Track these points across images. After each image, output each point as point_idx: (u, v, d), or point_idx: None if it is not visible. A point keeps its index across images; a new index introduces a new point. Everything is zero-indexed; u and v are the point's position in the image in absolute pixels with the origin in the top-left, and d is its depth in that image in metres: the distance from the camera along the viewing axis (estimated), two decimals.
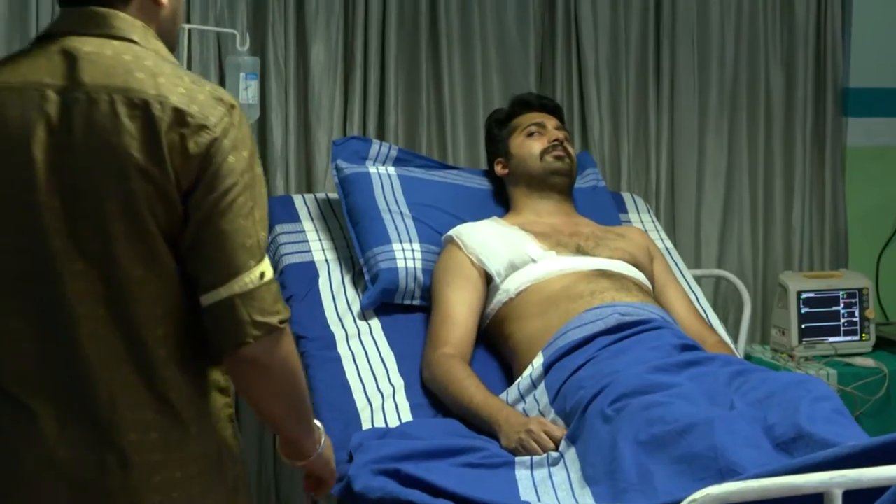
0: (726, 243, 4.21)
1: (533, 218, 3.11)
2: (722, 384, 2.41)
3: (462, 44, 3.91)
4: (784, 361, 3.76)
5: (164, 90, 1.75)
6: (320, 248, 3.17)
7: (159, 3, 1.87)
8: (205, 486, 1.84)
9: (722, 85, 4.16)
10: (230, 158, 1.75)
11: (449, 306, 2.89)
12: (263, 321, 1.74)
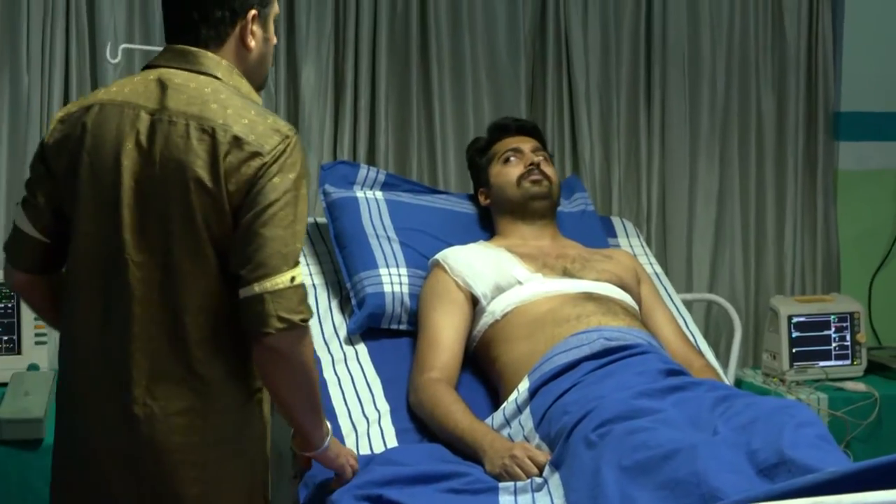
0: (718, 267, 4.21)
1: (519, 241, 3.10)
2: (706, 409, 2.40)
3: (453, 67, 3.92)
4: (775, 386, 3.74)
5: (230, 120, 2.09)
6: (307, 272, 3.16)
7: (248, 48, 2.24)
8: (222, 455, 2.14)
9: (713, 109, 4.17)
10: (275, 179, 2.07)
11: (435, 330, 2.88)
12: (287, 317, 2.04)
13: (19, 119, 3.55)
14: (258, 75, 2.32)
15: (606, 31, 4.05)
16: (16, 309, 3.31)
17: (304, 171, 2.13)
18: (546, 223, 3.15)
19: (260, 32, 2.27)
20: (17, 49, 3.54)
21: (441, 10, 3.88)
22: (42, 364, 3.32)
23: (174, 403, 2.11)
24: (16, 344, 3.32)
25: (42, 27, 3.54)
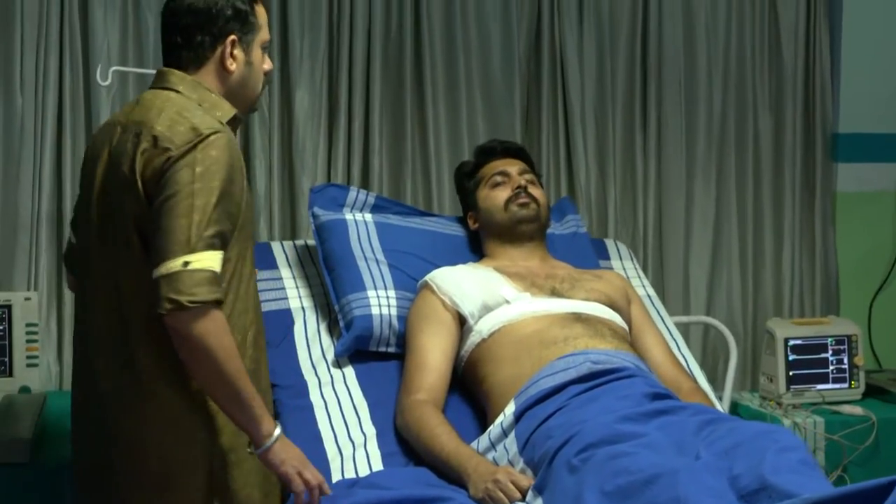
0: (715, 290, 4.19)
1: (508, 262, 3.09)
2: (690, 434, 2.38)
3: (447, 89, 3.91)
4: (772, 409, 3.72)
5: (157, 122, 2.32)
6: (297, 295, 3.16)
7: (227, 70, 2.45)
8: (164, 440, 2.34)
9: (710, 130, 4.15)
10: (180, 172, 2.26)
11: (422, 352, 2.86)
12: (175, 297, 2.19)
13: (12, 140, 3.56)
14: (243, 96, 2.51)
15: (601, 51, 4.04)
16: (7, 331, 3.30)
17: (219, 168, 2.28)
18: (535, 245, 3.14)
19: (241, 56, 2.46)
20: (10, 70, 3.55)
21: (435, 32, 3.88)
22: (34, 386, 3.31)
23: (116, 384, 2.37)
24: (7, 366, 3.30)
25: (35, 49, 3.54)
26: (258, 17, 2.49)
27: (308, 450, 2.64)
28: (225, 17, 2.43)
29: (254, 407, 2.30)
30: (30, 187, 3.55)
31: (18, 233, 3.56)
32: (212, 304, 2.23)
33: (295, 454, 2.37)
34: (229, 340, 2.27)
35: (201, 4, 2.43)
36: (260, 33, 2.49)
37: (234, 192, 2.33)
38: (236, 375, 2.27)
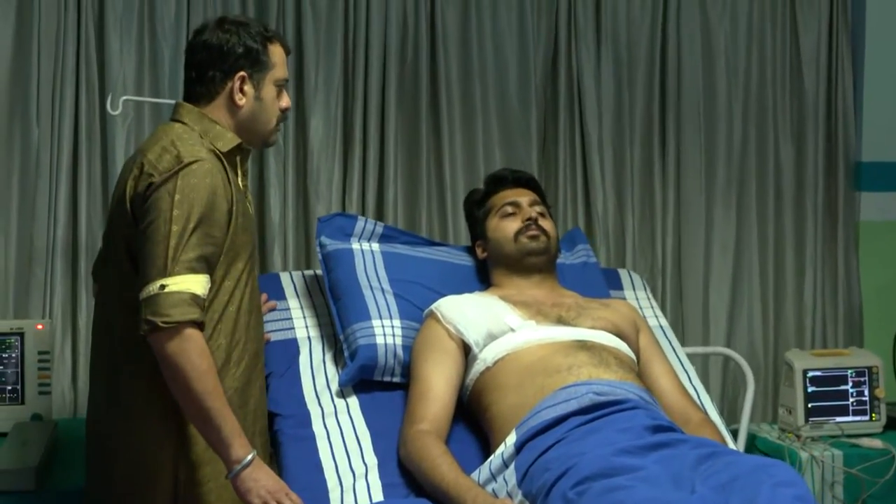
0: (735, 320, 4.15)
1: (514, 291, 3.07)
2: (689, 467, 2.34)
3: (463, 117, 3.92)
4: (790, 441, 3.66)
5: (150, 151, 2.48)
6: (304, 325, 3.15)
7: (236, 105, 2.58)
8: (134, 442, 2.49)
9: (730, 159, 4.13)
10: (161, 199, 2.39)
11: (426, 381, 2.84)
12: (151, 319, 2.34)
13: (28, 171, 3.59)
14: (255, 131, 2.63)
15: (619, 78, 4.03)
16: (20, 359, 3.32)
17: (198, 194, 2.40)
18: (543, 276, 3.11)
19: (251, 92, 2.59)
20: (27, 101, 3.58)
21: (451, 60, 3.88)
22: (45, 414, 3.33)
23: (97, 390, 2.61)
24: (19, 394, 3.32)
25: (52, 79, 3.58)
26: (271, 56, 2.61)
27: (308, 480, 2.67)
28: (236, 54, 2.56)
29: (223, 429, 2.37)
30: (45, 217, 3.58)
31: (33, 262, 3.59)
32: (187, 325, 2.35)
33: (267, 483, 2.41)
34: (204, 361, 2.37)
35: (214, 42, 2.58)
36: (272, 71, 2.61)
37: (216, 218, 2.44)
38: (207, 396, 2.36)
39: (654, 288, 4.05)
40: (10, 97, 3.57)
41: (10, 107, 3.58)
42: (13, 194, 3.59)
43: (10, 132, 3.58)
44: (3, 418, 3.27)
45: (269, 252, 3.74)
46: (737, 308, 4.15)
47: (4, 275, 3.58)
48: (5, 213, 3.58)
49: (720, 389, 4.12)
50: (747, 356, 4.10)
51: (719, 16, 4.11)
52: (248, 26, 2.61)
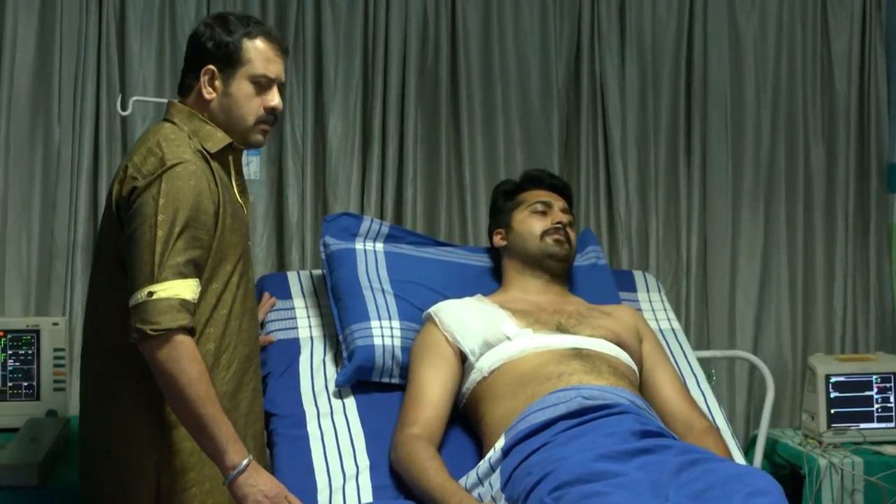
0: (763, 324, 4.08)
1: (519, 295, 3.04)
2: (669, 474, 2.30)
3: (484, 118, 3.90)
4: (811, 448, 3.60)
5: (136, 154, 2.46)
6: (307, 325, 3.15)
7: (203, 99, 2.54)
8: (120, 445, 2.46)
9: (757, 160, 4.06)
10: (145, 204, 2.36)
11: (420, 385, 2.83)
12: (140, 327, 2.31)
13: (49, 170, 3.64)
14: (230, 127, 2.57)
15: (644, 80, 3.99)
16: (35, 355, 3.37)
17: (182, 197, 2.37)
18: (553, 280, 3.09)
19: (220, 87, 2.54)
20: (49, 101, 3.63)
21: (472, 60, 3.86)
22: (60, 410, 3.37)
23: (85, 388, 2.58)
24: (35, 390, 3.37)
25: (73, 79, 3.63)
26: (245, 52, 2.54)
27: (298, 480, 2.66)
28: (206, 48, 2.54)
29: (217, 435, 2.35)
30: (66, 215, 3.63)
31: (54, 260, 3.64)
32: (177, 331, 2.32)
33: (264, 487, 2.38)
34: (195, 367, 2.33)
35: (193, 37, 2.60)
36: (246, 66, 2.54)
37: (202, 220, 2.41)
38: (199, 401, 2.33)
39: (678, 291, 4.00)
40: (32, 97, 3.63)
41: (33, 106, 3.63)
42: (35, 192, 3.65)
43: (33, 131, 3.64)
44: (18, 414, 3.32)
45: (287, 251, 3.76)
46: (764, 312, 4.09)
47: (26, 271, 3.64)
48: (27, 210, 3.64)
49: (746, 394, 4.06)
50: (775, 361, 4.04)
51: (747, 16, 4.05)
52: (229, 22, 2.56)
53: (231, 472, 2.34)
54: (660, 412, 2.86)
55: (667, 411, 2.86)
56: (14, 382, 3.36)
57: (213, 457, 2.36)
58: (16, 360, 3.37)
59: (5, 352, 3.36)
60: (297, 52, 3.75)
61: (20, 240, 3.64)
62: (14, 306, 3.63)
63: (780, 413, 4.07)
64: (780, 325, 4.09)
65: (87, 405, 2.58)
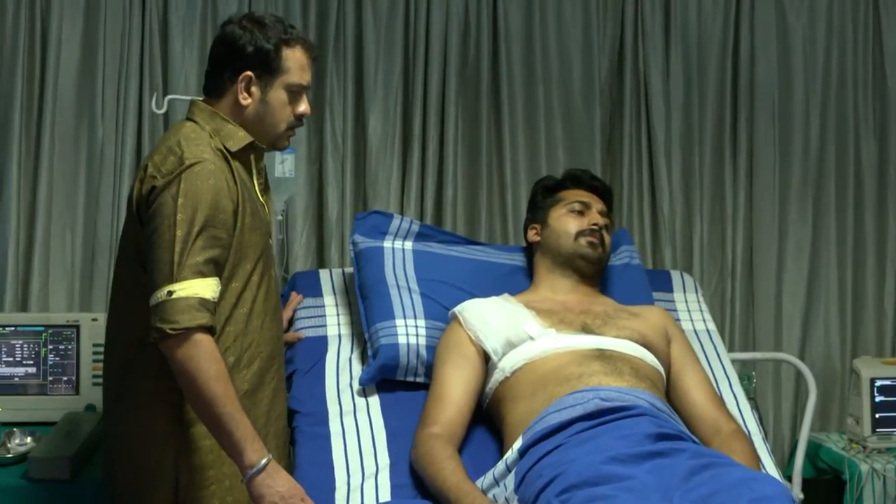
0: (810, 326, 4.02)
1: (547, 294, 3.02)
2: (679, 478, 2.26)
3: (526, 117, 3.88)
4: (854, 452, 3.52)
5: (157, 153, 2.46)
6: (336, 322, 3.16)
7: (240, 105, 2.53)
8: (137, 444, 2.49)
9: (806, 157, 4.00)
10: (164, 204, 2.36)
11: (443, 385, 2.82)
12: (160, 326, 2.32)
13: (94, 165, 3.69)
14: (262, 132, 2.57)
15: (689, 77, 3.94)
16: (75, 350, 3.42)
17: (201, 196, 2.36)
18: (583, 281, 3.06)
19: (257, 94, 2.53)
20: (93, 99, 3.69)
21: (514, 58, 3.85)
22: (99, 405, 3.41)
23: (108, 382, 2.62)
24: (74, 384, 3.42)
25: (117, 78, 3.68)
26: (284, 60, 2.53)
27: (317, 477, 2.67)
28: (245, 53, 2.51)
29: (235, 434, 2.34)
30: (109, 212, 3.68)
31: (97, 256, 3.69)
32: (196, 330, 2.32)
33: (282, 487, 2.37)
34: (213, 366, 2.33)
35: (229, 38, 2.53)
36: (284, 76, 2.53)
37: (222, 219, 2.41)
38: (218, 400, 2.33)
39: (722, 292, 3.95)
40: (77, 95, 3.69)
41: (78, 105, 3.69)
42: (80, 189, 3.71)
43: (77, 129, 3.70)
44: (57, 408, 3.36)
45: (327, 250, 3.78)
46: (812, 313, 4.02)
47: (70, 267, 3.70)
48: (72, 207, 3.70)
49: (793, 396, 4.00)
50: (823, 363, 3.98)
51: (796, 12, 3.99)
52: (266, 26, 2.53)
53: (249, 471, 2.34)
54: (687, 415, 2.83)
55: (694, 414, 2.82)
56: (54, 377, 3.41)
57: (232, 455, 2.37)
58: (56, 355, 3.41)
59: (46, 347, 3.42)
60: (338, 51, 3.77)
61: (64, 236, 3.70)
62: (58, 301, 3.69)
63: (828, 417, 4.00)
64: (828, 326, 4.01)
65: (107, 403, 2.61)
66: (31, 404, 3.39)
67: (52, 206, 3.67)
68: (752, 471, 2.34)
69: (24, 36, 3.62)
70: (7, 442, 3.12)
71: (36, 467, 2.96)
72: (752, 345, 3.96)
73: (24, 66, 3.63)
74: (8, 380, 3.40)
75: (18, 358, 3.40)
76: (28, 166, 3.66)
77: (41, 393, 3.41)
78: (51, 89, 3.64)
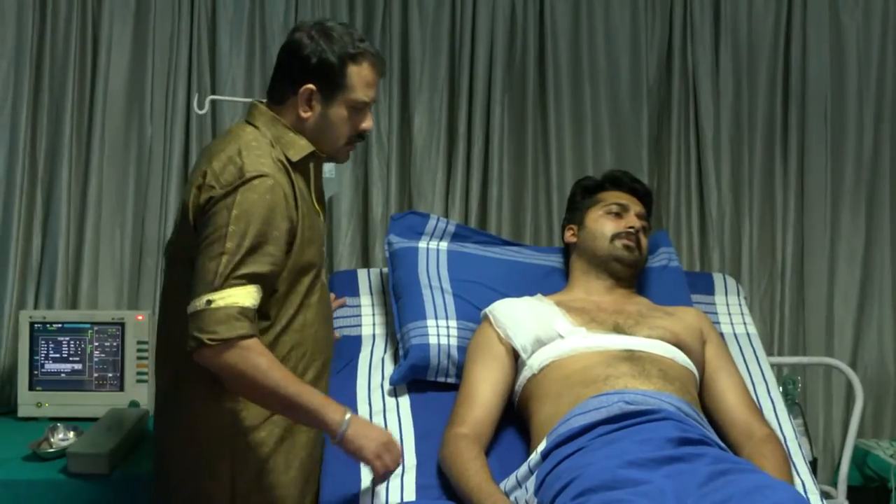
0: (863, 331, 3.94)
1: (581, 295, 3.00)
2: (696, 484, 2.23)
3: (572, 116, 3.85)
4: None
5: (216, 159, 2.41)
6: (371, 322, 3.17)
7: (300, 117, 2.48)
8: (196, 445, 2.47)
9: (859, 159, 3.92)
10: (219, 214, 2.33)
11: (471, 384, 2.81)
12: (198, 336, 2.30)
13: (143, 166, 3.75)
14: (321, 145, 2.53)
15: (739, 76, 3.89)
16: (120, 347, 3.47)
17: (256, 211, 2.33)
18: (618, 284, 3.03)
19: (318, 108, 2.48)
20: (142, 100, 3.74)
21: (561, 57, 3.83)
22: (143, 401, 3.47)
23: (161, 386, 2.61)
24: (119, 381, 3.48)
25: (166, 79, 3.73)
26: (349, 77, 2.47)
27: (344, 475, 2.68)
28: (309, 66, 2.45)
29: (310, 406, 2.38)
30: (157, 211, 3.73)
31: (145, 255, 3.74)
32: (235, 340, 2.31)
33: (372, 437, 2.44)
34: (263, 359, 2.34)
35: (294, 47, 2.48)
36: (347, 93, 2.47)
37: (275, 236, 2.37)
38: (281, 385, 2.35)
39: (772, 295, 3.90)
40: (126, 97, 3.74)
41: (127, 106, 3.74)
42: (129, 189, 3.76)
43: (127, 130, 3.75)
44: (102, 404, 3.42)
45: (371, 249, 3.79)
46: (865, 318, 3.94)
47: (120, 265, 3.76)
48: (121, 206, 3.75)
49: (844, 402, 3.92)
50: (876, 369, 3.91)
51: (850, 10, 3.91)
52: (333, 39, 2.45)
53: (339, 432, 2.39)
54: (720, 418, 2.80)
55: (727, 418, 2.78)
56: (100, 374, 3.48)
57: (316, 426, 2.44)
58: (101, 352, 3.47)
59: (92, 344, 3.47)
60: (384, 50, 3.78)
61: (114, 235, 3.75)
62: (107, 299, 3.74)
63: (882, 424, 3.92)
64: (881, 331, 3.93)
65: (159, 405, 2.61)
66: (77, 400, 3.47)
67: (101, 205, 3.73)
68: (769, 478, 2.30)
69: (76, 38, 3.68)
70: (50, 437, 3.18)
71: (74, 462, 3.00)
72: (802, 349, 3.89)
73: (76, 67, 3.69)
74: (55, 376, 3.47)
75: (65, 354, 3.47)
76: (79, 166, 3.71)
77: (87, 389, 3.48)
78: (101, 90, 3.70)
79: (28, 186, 3.68)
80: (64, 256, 3.68)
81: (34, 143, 3.69)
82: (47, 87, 3.68)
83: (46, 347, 3.46)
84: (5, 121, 3.65)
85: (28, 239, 3.69)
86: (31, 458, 3.10)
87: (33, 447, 3.11)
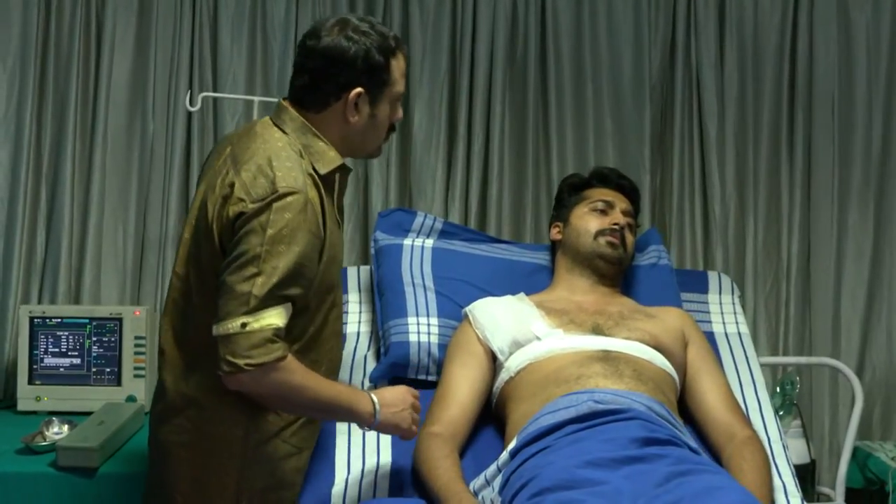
0: (871, 332, 3.88)
1: (564, 294, 2.98)
2: (653, 485, 2.20)
3: (574, 112, 3.84)
4: None
5: (245, 167, 2.31)
6: (357, 319, 3.17)
7: (347, 122, 2.40)
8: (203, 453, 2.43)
9: (867, 157, 3.86)
10: (252, 233, 2.24)
11: (448, 384, 2.80)
12: (233, 361, 2.23)
13: (145, 165, 3.78)
14: (361, 146, 2.49)
15: (744, 72, 3.84)
16: (118, 343, 3.50)
17: (291, 233, 2.24)
18: (602, 281, 3.01)
19: (366, 109, 2.41)
20: (144, 97, 3.77)
21: (563, 53, 3.80)
22: (140, 396, 3.49)
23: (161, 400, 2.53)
24: (117, 376, 3.51)
25: (168, 77, 3.75)
26: (392, 72, 2.42)
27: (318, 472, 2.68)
28: (356, 68, 2.37)
29: (343, 405, 2.41)
30: (159, 208, 3.76)
31: (147, 251, 3.77)
32: (272, 363, 2.26)
33: (399, 408, 2.48)
34: (298, 375, 2.31)
35: (335, 52, 2.36)
36: (391, 88, 2.43)
37: (310, 257, 2.31)
38: (319, 395, 2.36)
39: (777, 295, 3.84)
40: (129, 94, 3.77)
41: (130, 103, 3.78)
42: (131, 186, 3.79)
43: (130, 127, 3.78)
44: (100, 398, 3.45)
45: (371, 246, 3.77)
46: (873, 319, 3.88)
47: (122, 262, 3.79)
48: (124, 203, 3.79)
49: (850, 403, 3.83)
50: (885, 370, 3.84)
51: (860, 6, 3.85)
52: (372, 36, 2.37)
53: (373, 421, 2.43)
54: (701, 420, 2.77)
55: (708, 419, 2.76)
56: (98, 368, 3.51)
57: (350, 420, 2.50)
58: (100, 347, 3.51)
59: (90, 339, 3.51)
60: None
61: (116, 231, 3.78)
62: (109, 295, 3.78)
63: (889, 425, 3.86)
64: (890, 332, 3.87)
65: (171, 408, 2.50)
66: (76, 394, 3.50)
67: (104, 201, 3.76)
68: (724, 479, 2.26)
69: (79, 36, 3.71)
70: (44, 430, 3.21)
71: (63, 456, 3.03)
72: (808, 350, 3.84)
73: (80, 65, 3.73)
74: (54, 370, 3.51)
75: (64, 349, 3.51)
76: (82, 163, 3.75)
77: (85, 384, 3.51)
78: (104, 88, 3.74)
79: (32, 183, 3.72)
80: (67, 252, 3.72)
81: (38, 140, 3.73)
82: (51, 85, 3.72)
83: (46, 342, 3.50)
84: (10, 118, 3.70)
85: (32, 235, 3.74)
86: (24, 452, 3.13)
87: (27, 440, 3.14)
